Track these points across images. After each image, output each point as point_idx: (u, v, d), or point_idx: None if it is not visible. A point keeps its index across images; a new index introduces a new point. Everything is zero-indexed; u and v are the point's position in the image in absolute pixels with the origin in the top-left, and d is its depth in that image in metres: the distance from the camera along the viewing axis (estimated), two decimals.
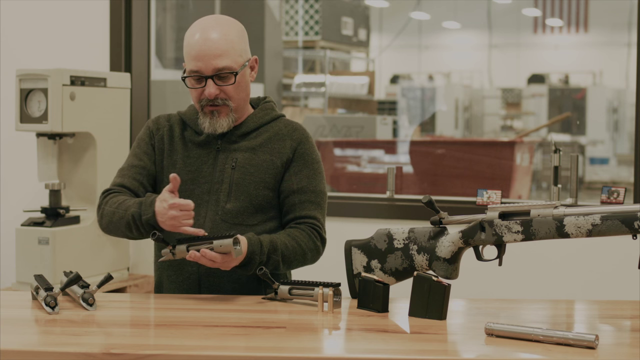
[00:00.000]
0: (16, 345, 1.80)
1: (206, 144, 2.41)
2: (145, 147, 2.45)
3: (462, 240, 2.11)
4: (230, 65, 2.33)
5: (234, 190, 2.36)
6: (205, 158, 2.41)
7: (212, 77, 2.32)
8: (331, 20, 9.72)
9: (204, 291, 2.36)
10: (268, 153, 2.40)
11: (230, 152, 2.40)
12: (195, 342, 1.81)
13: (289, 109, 9.30)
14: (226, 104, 2.36)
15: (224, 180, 2.37)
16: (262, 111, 2.46)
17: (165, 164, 2.43)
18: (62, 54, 3.80)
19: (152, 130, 2.46)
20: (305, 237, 2.36)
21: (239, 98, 2.38)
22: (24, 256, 3.20)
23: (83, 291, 2.12)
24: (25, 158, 3.69)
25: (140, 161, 2.43)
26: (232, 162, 2.38)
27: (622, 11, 12.32)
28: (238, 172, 2.37)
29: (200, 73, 2.33)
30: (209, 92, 2.33)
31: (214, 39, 2.32)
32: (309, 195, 2.40)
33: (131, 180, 2.40)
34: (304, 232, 2.37)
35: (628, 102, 12.17)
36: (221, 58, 2.32)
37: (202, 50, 2.31)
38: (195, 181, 2.39)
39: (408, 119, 11.46)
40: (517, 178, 6.35)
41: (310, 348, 1.81)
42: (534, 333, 1.79)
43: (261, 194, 2.37)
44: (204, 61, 2.31)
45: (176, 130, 2.45)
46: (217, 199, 2.37)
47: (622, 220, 1.93)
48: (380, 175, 6.49)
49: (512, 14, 14.60)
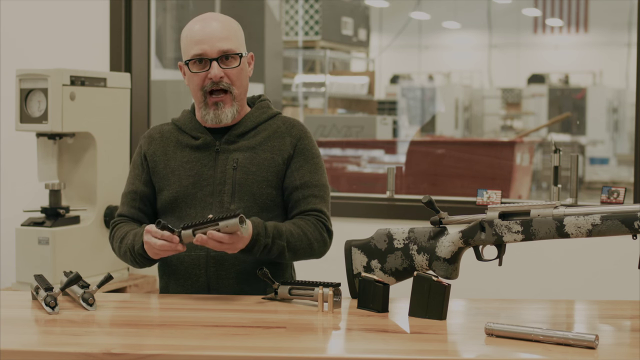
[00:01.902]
0: (16, 345, 1.80)
1: (204, 146, 2.41)
2: (136, 170, 2.48)
3: (462, 240, 2.11)
4: (234, 48, 2.35)
5: (237, 190, 2.36)
6: (205, 161, 2.40)
7: (216, 60, 2.33)
8: (331, 20, 9.72)
9: (213, 294, 2.35)
10: (268, 151, 2.40)
11: (230, 152, 2.39)
12: (195, 342, 1.81)
13: (289, 109, 9.30)
14: (230, 90, 2.36)
15: (227, 182, 2.37)
16: (259, 110, 2.46)
17: (163, 174, 2.42)
18: (62, 54, 3.80)
19: (143, 148, 2.48)
20: (311, 227, 2.35)
21: (241, 85, 2.39)
22: (24, 256, 3.20)
23: (83, 291, 2.12)
24: (25, 158, 3.69)
25: (132, 185, 2.47)
26: (233, 162, 2.38)
27: (622, 11, 12.32)
28: (240, 172, 2.37)
29: (205, 55, 2.33)
30: (214, 74, 2.33)
31: (216, 25, 2.36)
32: (313, 189, 2.40)
33: (129, 209, 2.46)
34: (309, 222, 2.36)
35: (628, 102, 12.17)
36: (226, 41, 2.34)
37: (206, 33, 2.34)
38: (197, 184, 2.39)
39: (408, 119, 11.46)
40: (517, 178, 6.36)
41: (310, 348, 1.81)
42: (534, 333, 1.79)
43: (265, 192, 2.37)
44: (209, 43, 2.33)
45: (170, 138, 2.45)
46: (220, 201, 2.37)
47: (622, 220, 1.93)
48: (380, 175, 6.49)
49: (512, 14, 14.60)
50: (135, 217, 2.45)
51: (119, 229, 2.43)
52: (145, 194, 2.45)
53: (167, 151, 2.44)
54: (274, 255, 2.29)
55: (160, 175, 2.43)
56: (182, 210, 2.39)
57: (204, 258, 2.35)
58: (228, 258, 2.34)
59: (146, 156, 2.46)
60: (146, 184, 2.45)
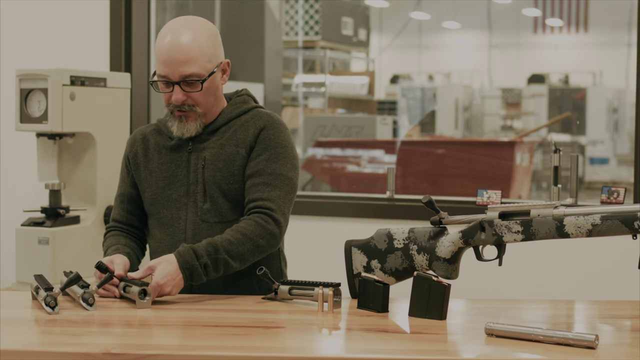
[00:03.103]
0: (16, 345, 1.80)
1: (178, 147, 2.42)
2: (123, 172, 2.53)
3: (462, 240, 2.11)
4: (197, 72, 2.31)
5: (207, 189, 2.36)
6: (179, 161, 2.41)
7: (179, 83, 2.32)
8: (331, 20, 9.72)
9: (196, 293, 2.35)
10: (234, 145, 2.38)
11: (200, 151, 2.39)
12: (195, 342, 1.81)
13: (289, 109, 9.29)
14: (193, 110, 2.35)
15: (198, 181, 2.37)
16: (232, 106, 2.44)
17: (143, 175, 2.45)
18: (62, 54, 3.80)
19: (127, 152, 2.51)
20: (252, 226, 2.28)
21: (206, 103, 2.36)
22: (24, 256, 3.19)
23: (83, 291, 2.12)
24: (25, 158, 3.69)
25: (121, 188, 2.52)
26: (202, 161, 2.38)
27: (622, 11, 12.31)
28: (208, 170, 2.37)
29: (168, 78, 2.32)
30: (175, 99, 2.32)
31: (183, 44, 2.30)
32: (265, 177, 2.33)
33: (119, 212, 2.51)
34: (249, 220, 2.29)
35: (628, 102, 12.17)
36: (188, 65, 2.30)
37: (170, 55, 2.30)
38: (172, 185, 2.40)
39: (408, 119, 11.46)
40: (517, 178, 6.36)
41: (310, 348, 1.81)
42: (534, 333, 1.79)
43: (233, 187, 2.36)
44: (171, 67, 2.30)
45: (150, 140, 2.47)
46: (194, 201, 2.37)
47: (622, 220, 1.93)
48: (380, 175, 6.49)
49: (512, 14, 14.60)
50: (126, 220, 2.50)
51: (106, 239, 2.49)
52: (133, 195, 2.49)
53: (147, 153, 2.46)
54: (222, 271, 2.26)
55: (140, 177, 2.46)
56: (159, 212, 2.42)
57: None
58: None
59: (129, 159, 2.49)
60: (132, 185, 2.49)
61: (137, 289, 2.15)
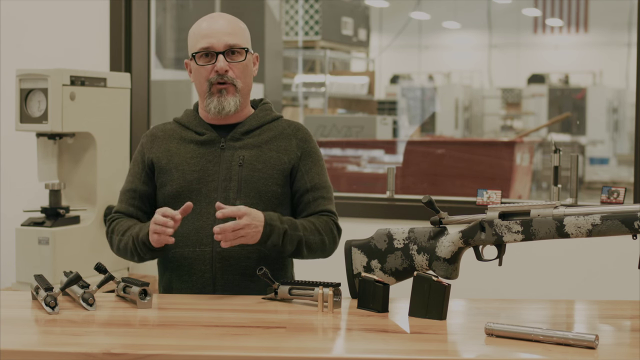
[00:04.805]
0: (16, 345, 1.80)
1: (209, 142, 2.43)
2: (136, 167, 2.50)
3: (462, 240, 2.11)
4: (240, 43, 2.40)
5: (243, 187, 2.38)
6: (210, 157, 2.42)
7: (223, 53, 2.38)
8: (331, 20, 9.73)
9: (218, 290, 2.37)
10: (274, 150, 2.43)
11: (235, 150, 2.42)
12: (195, 342, 1.81)
13: (289, 109, 9.29)
14: (234, 83, 2.40)
15: (232, 178, 2.39)
16: (263, 111, 2.50)
17: (167, 169, 2.44)
18: (62, 54, 3.80)
19: (145, 147, 2.50)
20: (323, 223, 2.41)
21: (245, 80, 2.43)
22: (24, 256, 3.20)
23: (83, 291, 2.12)
24: (25, 158, 3.69)
25: (132, 184, 2.49)
26: (239, 159, 2.40)
27: (622, 11, 12.32)
28: (246, 169, 2.39)
29: (212, 49, 2.38)
30: (219, 67, 2.37)
31: (225, 19, 2.43)
32: (322, 191, 2.46)
33: (127, 207, 2.48)
34: (321, 218, 2.42)
35: (628, 102, 12.18)
36: (232, 36, 2.40)
37: (213, 29, 2.39)
38: (202, 180, 2.40)
39: (408, 119, 11.47)
40: (517, 178, 6.35)
41: (310, 348, 1.81)
42: (534, 333, 1.79)
43: (270, 190, 2.40)
44: (216, 37, 2.38)
45: (173, 135, 2.47)
46: (226, 197, 2.38)
47: (622, 220, 1.93)
48: (380, 175, 6.49)
49: (512, 14, 14.61)
50: (134, 215, 2.47)
51: (120, 223, 2.45)
52: (144, 192, 2.47)
53: (170, 147, 2.45)
54: (292, 247, 2.33)
55: (163, 171, 2.44)
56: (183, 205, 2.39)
57: (209, 254, 2.36)
58: (234, 254, 2.36)
59: (147, 155, 2.47)
60: (145, 182, 2.47)
61: (137, 289, 2.15)
